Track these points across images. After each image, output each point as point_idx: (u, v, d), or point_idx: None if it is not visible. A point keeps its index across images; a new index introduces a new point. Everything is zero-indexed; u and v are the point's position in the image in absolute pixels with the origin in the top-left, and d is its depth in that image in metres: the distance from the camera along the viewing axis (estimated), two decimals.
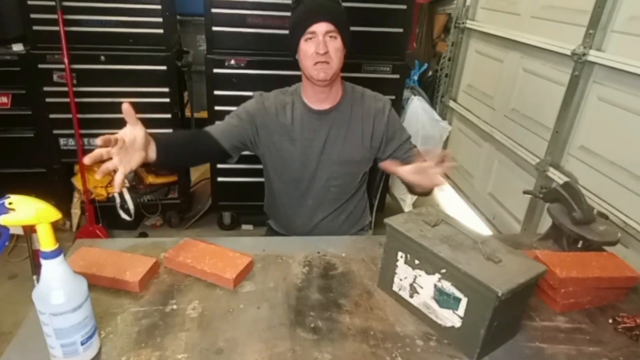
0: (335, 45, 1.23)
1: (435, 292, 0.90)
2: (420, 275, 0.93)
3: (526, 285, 0.82)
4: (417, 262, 0.93)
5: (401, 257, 0.97)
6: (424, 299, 0.93)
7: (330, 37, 1.22)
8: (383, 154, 1.40)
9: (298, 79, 1.36)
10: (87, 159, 0.87)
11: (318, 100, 1.34)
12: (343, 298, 1.00)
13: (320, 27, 1.20)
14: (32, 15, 2.11)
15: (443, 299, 0.89)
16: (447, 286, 0.87)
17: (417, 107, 2.97)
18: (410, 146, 1.41)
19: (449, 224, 0.98)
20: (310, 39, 1.22)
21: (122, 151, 0.94)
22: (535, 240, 1.25)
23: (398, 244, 0.97)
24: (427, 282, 0.91)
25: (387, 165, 1.17)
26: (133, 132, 0.97)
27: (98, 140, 0.88)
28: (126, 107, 0.95)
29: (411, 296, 0.96)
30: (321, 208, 1.45)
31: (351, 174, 1.43)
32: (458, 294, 0.86)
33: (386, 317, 0.95)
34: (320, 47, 1.20)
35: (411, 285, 0.95)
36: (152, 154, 1.04)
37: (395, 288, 1.00)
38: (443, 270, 0.87)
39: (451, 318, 0.88)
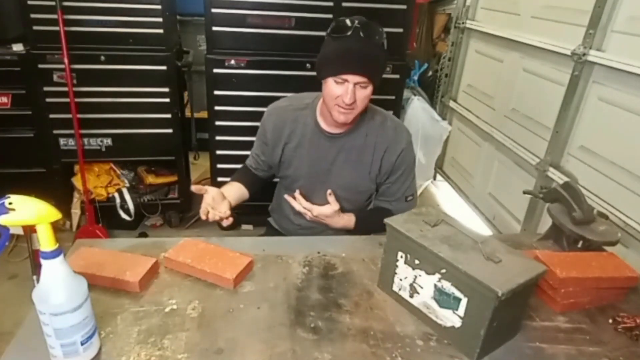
0: (365, 94, 1.18)
1: (435, 292, 0.90)
2: (420, 275, 0.93)
3: (526, 285, 0.82)
4: (417, 262, 0.93)
5: (401, 257, 0.96)
6: (424, 299, 0.93)
7: (361, 86, 1.17)
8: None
9: (298, 78, 1.35)
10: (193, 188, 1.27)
11: (333, 126, 1.31)
12: (343, 298, 1.00)
13: (353, 78, 1.14)
14: (32, 15, 2.11)
15: (443, 299, 0.89)
16: (447, 286, 0.87)
17: (417, 107, 2.98)
18: (400, 195, 1.38)
19: (449, 224, 0.97)
20: (340, 83, 1.16)
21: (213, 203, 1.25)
22: (535, 240, 1.25)
23: (398, 244, 0.97)
24: (427, 282, 0.91)
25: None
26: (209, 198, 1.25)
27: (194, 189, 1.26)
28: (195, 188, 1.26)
29: (411, 296, 0.96)
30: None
31: (352, 201, 1.40)
32: (458, 294, 0.86)
33: (386, 317, 0.95)
34: (347, 97, 1.15)
35: (411, 285, 0.95)
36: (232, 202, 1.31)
37: (395, 288, 1.00)
38: (443, 270, 0.87)
39: (451, 318, 0.88)
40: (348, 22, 1.15)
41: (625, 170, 1.69)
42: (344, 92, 1.16)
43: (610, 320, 0.98)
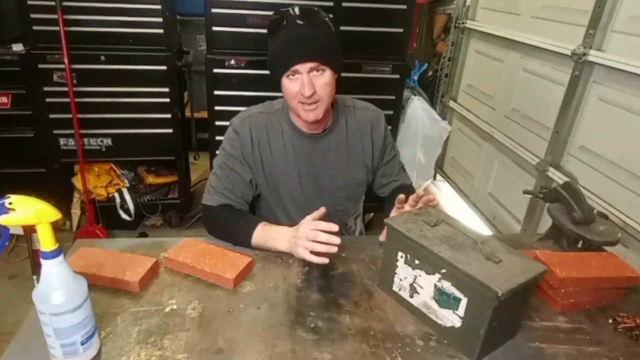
0: (324, 80, 1.08)
1: (435, 292, 0.90)
2: (420, 275, 0.93)
3: (526, 285, 0.82)
4: (417, 262, 0.93)
5: (401, 257, 0.96)
6: (424, 299, 0.93)
7: (317, 72, 1.07)
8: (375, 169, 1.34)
9: None
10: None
11: (311, 126, 1.20)
12: (343, 298, 1.00)
13: (304, 66, 1.05)
14: (32, 15, 2.11)
15: (443, 299, 0.89)
16: (447, 286, 0.87)
17: (417, 107, 2.97)
18: (399, 167, 1.36)
19: (449, 224, 0.97)
20: (293, 78, 1.08)
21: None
22: (535, 240, 1.25)
23: (398, 244, 0.96)
24: (427, 282, 0.91)
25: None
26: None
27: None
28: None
29: (411, 296, 0.96)
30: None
31: (354, 197, 1.35)
32: (458, 294, 0.86)
33: (386, 317, 0.95)
34: (305, 88, 1.05)
35: (411, 285, 0.95)
36: None
37: (395, 288, 1.00)
38: (443, 270, 0.87)
39: (451, 318, 0.88)
40: (281, 13, 1.07)
41: (625, 170, 1.69)
42: (300, 85, 1.06)
43: (610, 320, 0.98)
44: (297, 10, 1.06)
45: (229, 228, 1.16)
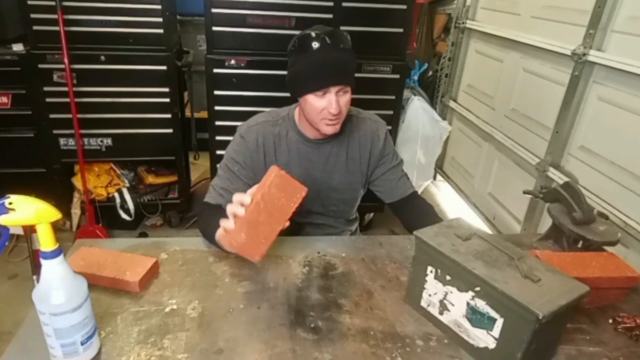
0: (347, 99, 1.17)
1: (467, 311, 0.85)
2: (451, 292, 0.88)
3: (568, 307, 0.77)
4: (448, 278, 0.88)
5: (431, 271, 0.92)
6: (455, 317, 0.88)
7: (343, 93, 1.16)
8: (370, 177, 1.38)
9: None
10: None
11: (318, 134, 1.26)
12: (343, 298, 1.00)
13: (334, 88, 1.13)
14: (32, 15, 2.11)
15: (476, 318, 0.84)
16: (482, 305, 0.82)
17: (417, 107, 2.98)
18: (401, 174, 1.38)
19: (482, 238, 0.92)
20: (321, 96, 1.15)
21: None
22: (535, 240, 1.25)
23: (428, 257, 0.91)
24: (459, 300, 0.87)
25: None
26: None
27: None
28: None
29: (441, 313, 0.91)
30: (317, 231, 1.40)
31: (349, 201, 1.39)
32: (493, 313, 0.81)
33: (386, 317, 0.95)
34: (333, 107, 1.13)
35: (441, 302, 0.91)
36: None
37: (423, 304, 0.95)
38: (477, 288, 0.82)
39: (485, 339, 0.83)
40: (312, 34, 1.12)
41: (625, 170, 1.69)
42: (328, 103, 1.14)
43: (610, 320, 0.98)
44: (328, 34, 1.12)
45: (205, 225, 1.18)
